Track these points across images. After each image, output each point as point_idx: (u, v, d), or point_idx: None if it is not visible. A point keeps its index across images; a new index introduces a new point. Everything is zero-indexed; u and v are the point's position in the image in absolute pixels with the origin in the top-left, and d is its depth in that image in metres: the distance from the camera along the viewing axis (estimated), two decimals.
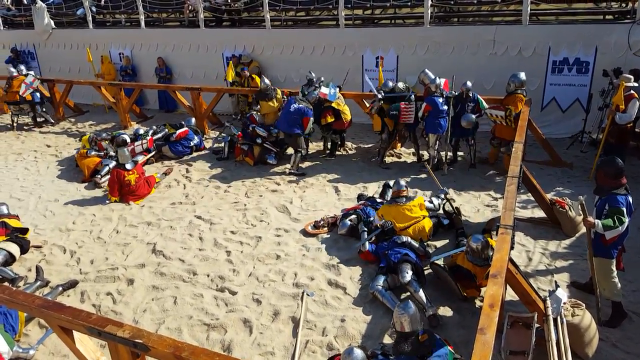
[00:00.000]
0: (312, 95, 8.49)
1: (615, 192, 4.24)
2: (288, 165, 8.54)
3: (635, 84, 6.88)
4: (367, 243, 5.64)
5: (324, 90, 8.39)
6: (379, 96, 8.10)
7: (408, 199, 5.97)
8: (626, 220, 4.17)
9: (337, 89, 8.64)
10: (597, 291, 4.50)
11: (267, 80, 9.18)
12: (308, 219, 6.76)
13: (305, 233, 6.42)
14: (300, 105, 8.16)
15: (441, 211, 6.44)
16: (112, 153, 8.91)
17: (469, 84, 7.77)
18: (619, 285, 4.47)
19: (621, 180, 4.26)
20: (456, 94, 7.76)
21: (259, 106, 9.22)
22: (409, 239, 5.58)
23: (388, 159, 8.70)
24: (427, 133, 7.96)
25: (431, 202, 6.36)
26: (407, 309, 3.81)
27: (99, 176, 8.39)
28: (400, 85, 8.42)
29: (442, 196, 6.43)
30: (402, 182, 6.10)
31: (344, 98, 8.89)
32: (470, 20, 10.45)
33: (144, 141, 9.25)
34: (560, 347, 3.65)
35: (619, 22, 8.75)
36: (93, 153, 8.94)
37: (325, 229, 6.42)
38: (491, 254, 4.21)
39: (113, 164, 8.34)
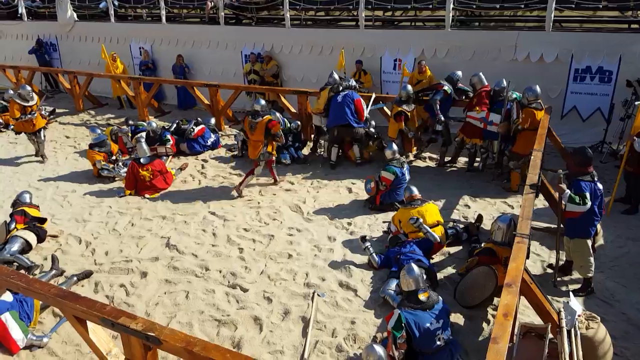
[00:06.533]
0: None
1: (580, 178, 4.74)
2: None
3: None
4: (374, 255, 5.64)
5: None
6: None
7: (422, 201, 6.03)
8: (589, 202, 4.65)
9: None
10: (557, 262, 5.21)
11: None
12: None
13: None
14: (346, 92, 8.04)
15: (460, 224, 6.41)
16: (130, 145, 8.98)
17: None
18: (593, 263, 4.97)
19: (587, 168, 4.77)
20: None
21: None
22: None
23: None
24: (493, 139, 7.68)
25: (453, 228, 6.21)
26: (411, 272, 4.32)
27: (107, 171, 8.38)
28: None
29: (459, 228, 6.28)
30: (414, 187, 6.19)
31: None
32: (492, 24, 10.33)
33: (168, 147, 9.17)
34: None
35: None
36: (95, 149, 8.51)
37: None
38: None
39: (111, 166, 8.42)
